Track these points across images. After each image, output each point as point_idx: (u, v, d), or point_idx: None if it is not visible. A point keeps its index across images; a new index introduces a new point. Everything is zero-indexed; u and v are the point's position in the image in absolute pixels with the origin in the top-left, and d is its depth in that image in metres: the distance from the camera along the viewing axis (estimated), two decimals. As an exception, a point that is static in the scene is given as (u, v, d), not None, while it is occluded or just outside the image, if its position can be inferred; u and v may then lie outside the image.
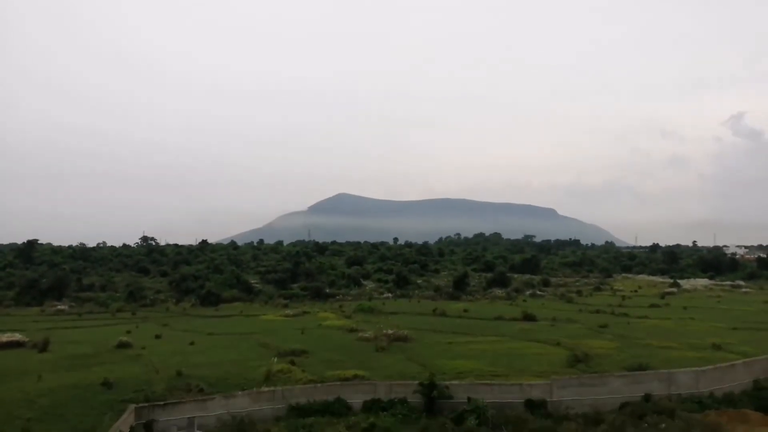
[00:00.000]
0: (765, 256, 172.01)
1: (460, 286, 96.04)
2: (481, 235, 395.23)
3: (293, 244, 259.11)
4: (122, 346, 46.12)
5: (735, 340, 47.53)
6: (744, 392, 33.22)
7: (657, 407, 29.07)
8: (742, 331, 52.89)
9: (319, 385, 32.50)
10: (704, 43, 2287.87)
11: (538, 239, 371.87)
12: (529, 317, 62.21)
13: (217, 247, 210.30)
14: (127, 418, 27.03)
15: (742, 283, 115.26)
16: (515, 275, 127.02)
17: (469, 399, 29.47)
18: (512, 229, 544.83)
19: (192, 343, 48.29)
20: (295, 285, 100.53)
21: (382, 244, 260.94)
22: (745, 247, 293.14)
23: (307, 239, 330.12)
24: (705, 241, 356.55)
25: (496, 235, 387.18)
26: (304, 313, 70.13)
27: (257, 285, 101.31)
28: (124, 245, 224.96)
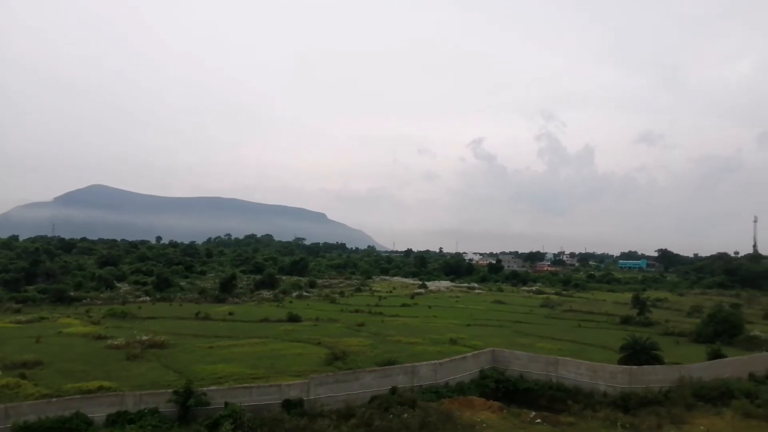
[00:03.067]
0: (494, 262, 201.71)
1: (227, 288, 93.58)
2: (252, 236, 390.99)
3: (32, 240, 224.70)
4: None
5: (468, 335, 54.57)
6: (472, 381, 38.31)
7: (401, 399, 31.96)
8: (474, 327, 61.04)
9: (54, 399, 28.68)
10: (459, 74, 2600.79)
11: (308, 242, 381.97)
12: (294, 318, 63.46)
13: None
14: None
15: (476, 285, 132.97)
16: (284, 277, 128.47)
17: (226, 404, 28.93)
18: (284, 232, 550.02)
19: None
20: (31, 287, 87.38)
21: (143, 242, 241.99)
22: (480, 254, 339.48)
23: (50, 234, 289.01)
24: (449, 248, 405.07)
25: (268, 237, 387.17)
26: (41, 318, 61.33)
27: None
28: None
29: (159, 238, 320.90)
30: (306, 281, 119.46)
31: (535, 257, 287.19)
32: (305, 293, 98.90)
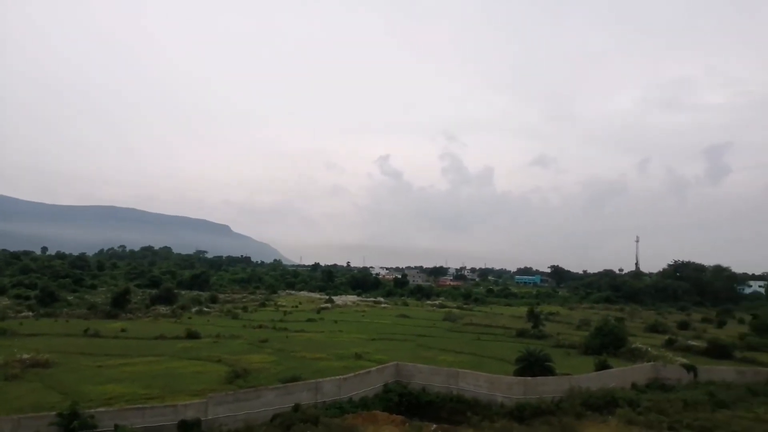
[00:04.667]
0: (400, 276, 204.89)
1: (119, 303, 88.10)
2: (149, 248, 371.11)
3: None
4: None
5: (373, 349, 54.87)
6: (376, 395, 38.44)
7: (304, 416, 31.53)
8: (379, 341, 61.44)
9: None
10: (367, 91, 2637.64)
11: (211, 255, 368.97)
12: (192, 335, 60.86)
13: None
14: None
15: (382, 299, 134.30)
16: (183, 291, 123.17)
17: (116, 426, 27.21)
18: (186, 244, 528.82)
19: None
20: None
21: (26, 253, 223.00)
22: (387, 269, 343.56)
23: None
24: (356, 262, 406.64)
25: (167, 249, 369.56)
26: None
27: None
28: None
29: (45, 249, 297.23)
30: (207, 296, 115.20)
31: (438, 272, 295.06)
32: (206, 309, 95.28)
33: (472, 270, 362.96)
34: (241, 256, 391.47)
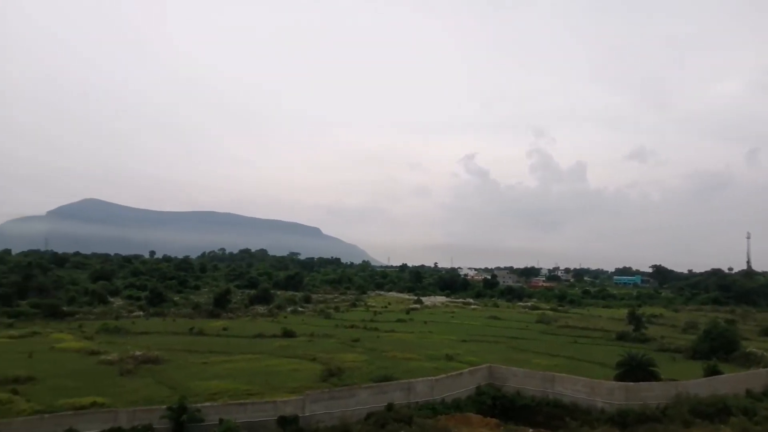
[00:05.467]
0: (489, 277, 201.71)
1: (221, 303, 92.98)
2: (246, 250, 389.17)
3: (24, 254, 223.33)
4: None
5: (463, 350, 54.38)
6: (469, 397, 38.11)
7: (398, 415, 31.75)
8: (470, 343, 60.76)
9: (46, 415, 28.34)
10: (450, 90, 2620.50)
11: (303, 257, 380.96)
12: (288, 333, 63.02)
13: None
14: None
15: (471, 300, 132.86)
16: (279, 292, 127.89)
17: (221, 420, 28.64)
18: (279, 246, 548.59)
19: None
20: (23, 302, 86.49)
21: (136, 257, 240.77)
22: (475, 269, 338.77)
23: (43, 249, 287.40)
24: (444, 263, 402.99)
25: (262, 251, 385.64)
26: (34, 333, 60.72)
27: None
28: None
29: (153, 253, 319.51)
30: (301, 296, 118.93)
31: (530, 273, 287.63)
32: (300, 308, 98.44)
33: (566, 270, 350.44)
34: (332, 257, 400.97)
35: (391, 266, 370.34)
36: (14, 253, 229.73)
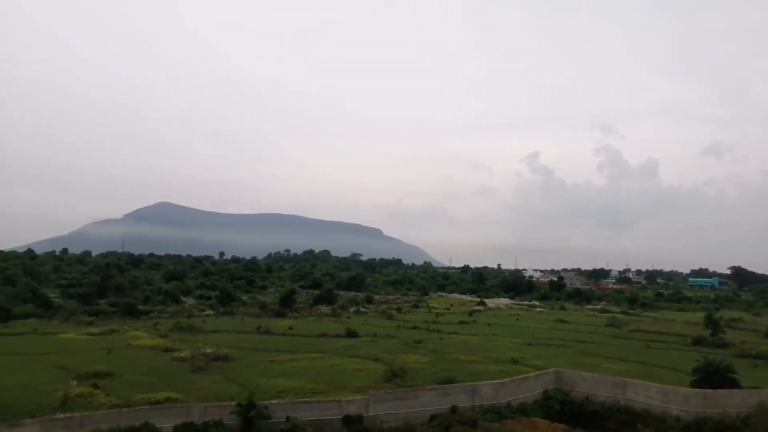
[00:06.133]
0: (556, 279, 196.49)
1: (286, 302, 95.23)
2: (310, 251, 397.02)
3: (103, 255, 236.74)
4: None
5: (529, 354, 53.20)
6: (535, 402, 37.24)
7: (462, 418, 31.36)
8: (536, 347, 59.41)
9: (124, 409, 29.81)
10: (510, 88, 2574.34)
11: (364, 257, 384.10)
12: (352, 334, 63.68)
13: (10, 256, 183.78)
14: None
15: (537, 303, 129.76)
16: (341, 292, 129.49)
17: (287, 418, 29.23)
18: (342, 247, 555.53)
19: (-31, 367, 41.72)
20: (103, 301, 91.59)
21: (207, 258, 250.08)
22: (541, 271, 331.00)
23: (120, 250, 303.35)
24: (508, 264, 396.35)
25: (325, 253, 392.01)
26: (112, 331, 64.05)
27: (57, 300, 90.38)
28: None
29: (222, 254, 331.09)
30: (363, 297, 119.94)
31: (598, 274, 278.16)
32: (362, 309, 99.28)
33: (638, 272, 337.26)
34: (393, 258, 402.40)
35: (453, 267, 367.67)
36: (94, 255, 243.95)
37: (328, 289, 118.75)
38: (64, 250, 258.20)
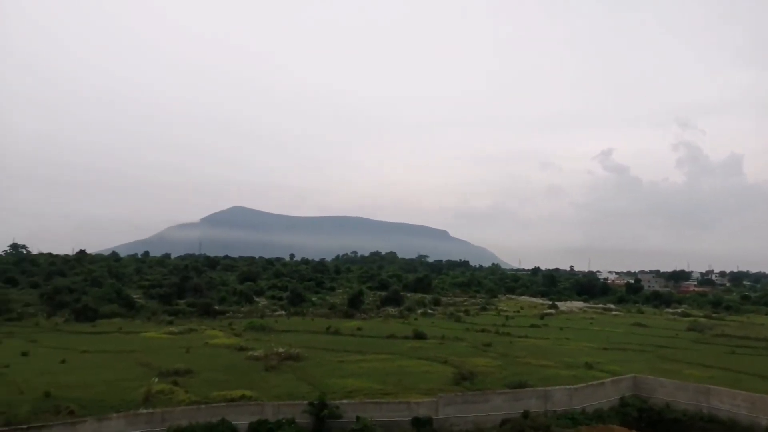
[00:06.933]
0: (632, 281, 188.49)
1: (354, 304, 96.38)
2: (377, 253, 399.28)
3: (182, 258, 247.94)
4: (-20, 365, 41.67)
5: (605, 359, 51.30)
6: (612, 408, 35.97)
7: (534, 423, 30.73)
8: (611, 351, 57.19)
9: (202, 406, 31.17)
10: (579, 84, 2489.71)
11: (431, 259, 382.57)
12: (419, 335, 63.55)
13: (97, 258, 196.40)
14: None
15: (612, 306, 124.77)
16: (408, 294, 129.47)
17: (357, 418, 29.58)
18: (407, 249, 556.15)
19: (63, 362, 44.71)
20: (181, 301, 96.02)
21: (278, 260, 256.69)
22: (616, 273, 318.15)
23: (198, 253, 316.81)
24: (581, 266, 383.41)
25: (392, 254, 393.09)
26: (191, 330, 67.01)
27: (140, 300, 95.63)
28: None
29: (292, 256, 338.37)
30: (430, 299, 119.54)
31: (678, 276, 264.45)
32: (429, 311, 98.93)
33: (721, 274, 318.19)
34: (460, 260, 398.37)
35: (522, 269, 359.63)
36: (173, 257, 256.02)
37: (395, 290, 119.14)
38: (146, 253, 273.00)
